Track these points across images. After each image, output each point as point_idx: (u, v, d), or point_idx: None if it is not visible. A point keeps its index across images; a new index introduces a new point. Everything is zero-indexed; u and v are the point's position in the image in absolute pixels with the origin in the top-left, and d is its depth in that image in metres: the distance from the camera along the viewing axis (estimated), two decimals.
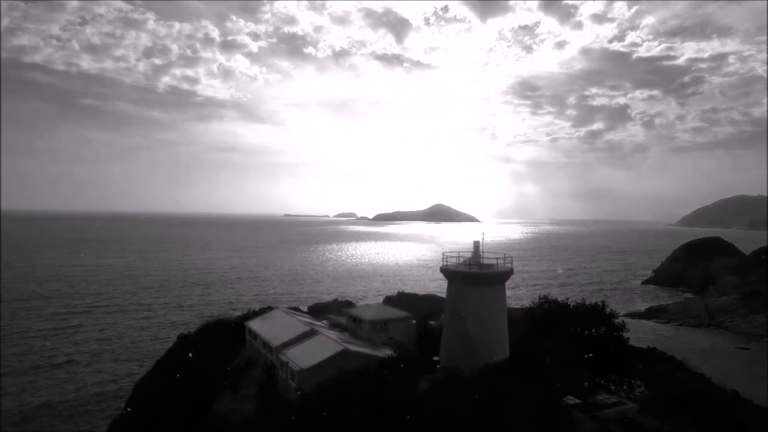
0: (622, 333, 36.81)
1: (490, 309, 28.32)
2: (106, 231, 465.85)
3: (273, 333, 39.22)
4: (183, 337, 48.99)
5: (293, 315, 45.67)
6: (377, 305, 50.52)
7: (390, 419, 23.53)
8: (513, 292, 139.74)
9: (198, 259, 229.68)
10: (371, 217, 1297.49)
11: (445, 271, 30.25)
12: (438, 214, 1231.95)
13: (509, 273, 30.07)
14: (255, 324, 43.30)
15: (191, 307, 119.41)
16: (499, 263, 30.11)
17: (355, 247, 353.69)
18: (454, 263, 30.94)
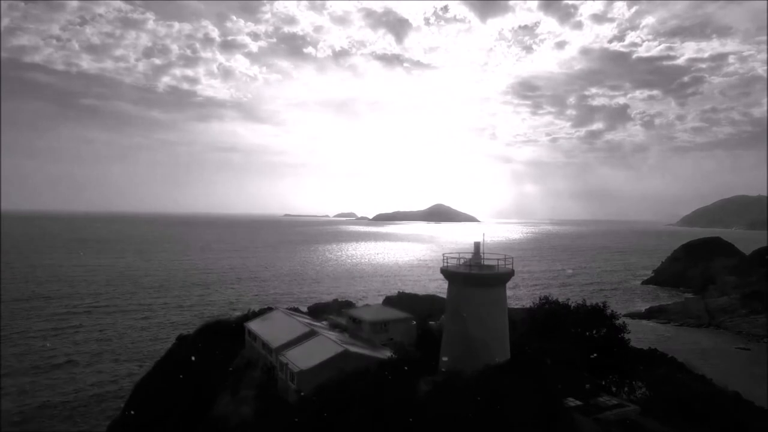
0: (623, 334, 36.75)
1: (490, 310, 28.18)
2: (106, 231, 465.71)
3: (272, 334, 39.10)
4: (182, 338, 48.91)
5: (293, 316, 45.54)
6: (377, 306, 50.43)
7: (390, 421, 23.44)
8: (513, 292, 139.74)
9: (198, 259, 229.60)
10: (371, 217, 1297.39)
11: (446, 273, 30.09)
12: (438, 214, 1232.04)
13: (510, 274, 29.91)
14: (254, 325, 43.17)
15: (191, 308, 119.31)
16: (500, 264, 29.96)
17: (355, 247, 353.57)
18: (454, 264, 30.79)
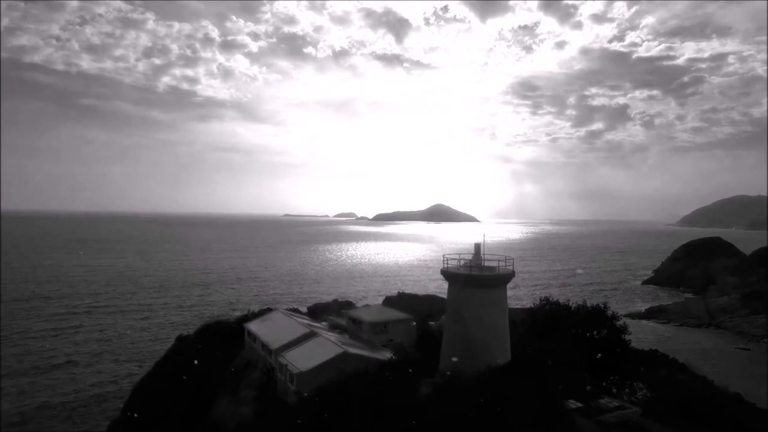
0: (623, 335, 36.63)
1: (491, 311, 28.05)
2: (106, 231, 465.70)
3: (272, 335, 38.99)
4: (182, 339, 48.77)
5: (292, 317, 45.44)
6: (377, 307, 50.30)
7: (390, 423, 23.33)
8: (513, 292, 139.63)
9: (198, 260, 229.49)
10: (371, 217, 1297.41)
11: (446, 274, 29.92)
12: (438, 214, 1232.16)
13: (511, 275, 29.76)
14: (254, 326, 43.07)
15: (191, 308, 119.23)
16: (500, 266, 29.80)
17: (355, 248, 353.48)
18: (455, 265, 30.65)
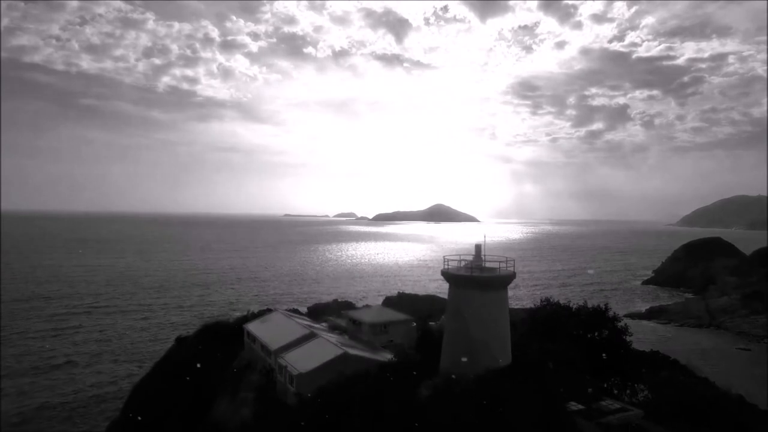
0: (625, 336, 36.49)
1: (492, 313, 27.88)
2: (106, 231, 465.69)
3: (272, 336, 38.87)
4: (181, 340, 48.62)
5: (292, 317, 45.31)
6: (377, 307, 50.19)
7: (391, 425, 23.20)
8: (513, 292, 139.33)
9: (198, 260, 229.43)
10: (371, 217, 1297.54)
11: (447, 275, 29.66)
12: (438, 214, 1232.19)
13: (511, 277, 29.57)
14: (254, 326, 42.94)
15: (191, 308, 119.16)
16: (501, 267, 29.63)
17: (355, 248, 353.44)
18: (455, 267, 30.48)
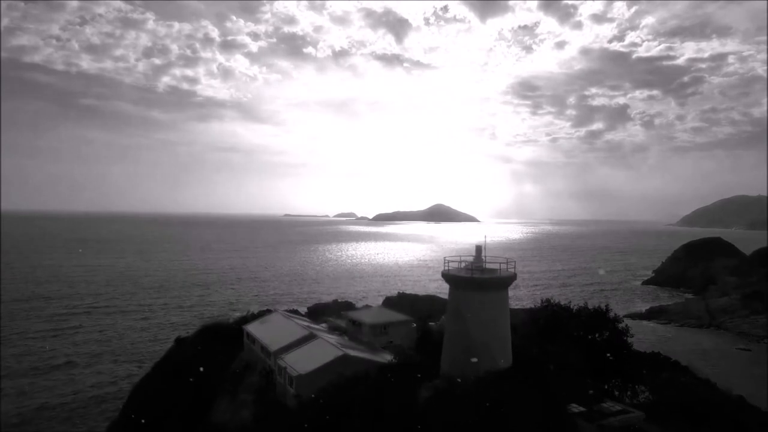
0: (626, 338, 36.36)
1: (492, 315, 27.74)
2: (106, 231, 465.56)
3: (271, 337, 38.80)
4: (180, 341, 48.51)
5: (292, 318, 45.24)
6: (377, 308, 50.10)
7: (391, 427, 23.11)
8: (513, 292, 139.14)
9: (198, 260, 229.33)
10: (371, 217, 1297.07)
11: (447, 276, 29.42)
12: (438, 214, 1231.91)
13: (512, 278, 29.38)
14: (253, 327, 42.86)
15: (191, 308, 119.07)
16: (502, 268, 29.45)
17: (355, 248, 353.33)
18: (455, 268, 30.34)
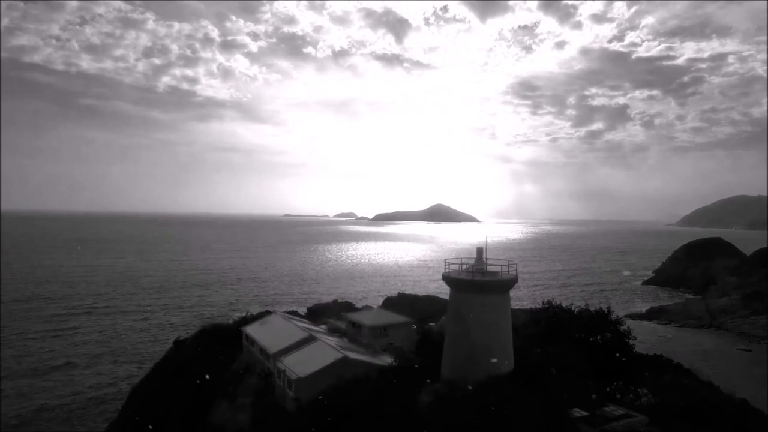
0: (628, 340, 36.16)
1: (494, 318, 27.44)
2: (106, 231, 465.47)
3: (270, 339, 38.55)
4: (179, 342, 48.25)
5: (291, 320, 45.00)
6: (377, 310, 49.85)
7: (391, 430, 22.92)
8: (513, 293, 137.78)
9: (198, 260, 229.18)
10: (371, 217, 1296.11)
11: (448, 279, 28.93)
12: (438, 214, 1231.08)
13: (514, 281, 29.07)
14: (252, 329, 42.62)
15: (191, 309, 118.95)
16: (503, 270, 29.10)
17: (355, 248, 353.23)
18: (456, 270, 29.98)
